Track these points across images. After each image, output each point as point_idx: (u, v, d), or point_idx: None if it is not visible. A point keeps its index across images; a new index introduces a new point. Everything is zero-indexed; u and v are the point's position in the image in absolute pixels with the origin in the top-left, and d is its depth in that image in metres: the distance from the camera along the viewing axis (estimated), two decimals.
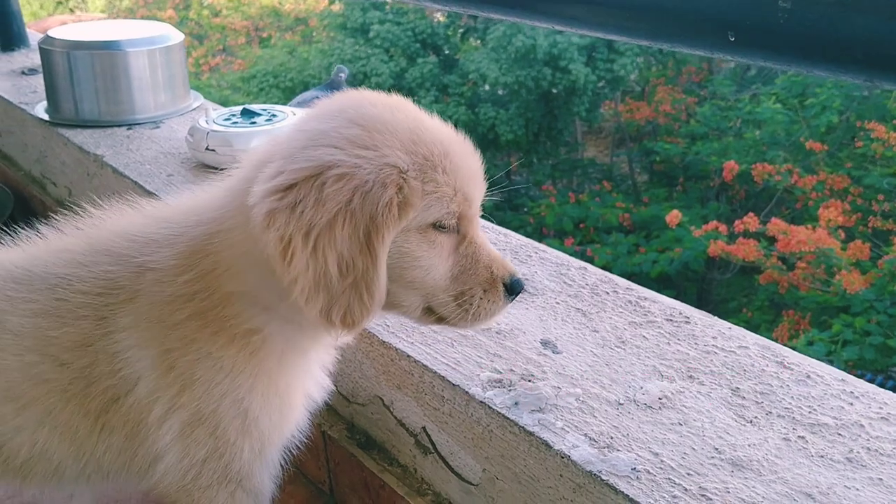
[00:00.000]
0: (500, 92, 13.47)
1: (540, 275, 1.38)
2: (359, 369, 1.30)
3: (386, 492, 1.27)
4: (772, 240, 9.28)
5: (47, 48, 2.07)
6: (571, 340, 1.20)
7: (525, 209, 13.46)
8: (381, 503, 1.30)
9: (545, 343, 1.20)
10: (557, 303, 1.30)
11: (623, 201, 12.85)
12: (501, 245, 1.47)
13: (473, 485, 1.16)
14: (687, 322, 1.24)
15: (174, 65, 2.17)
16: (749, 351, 1.17)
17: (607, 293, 1.32)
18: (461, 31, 14.44)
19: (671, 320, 1.25)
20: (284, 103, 2.13)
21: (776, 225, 9.26)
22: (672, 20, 0.91)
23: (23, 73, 2.54)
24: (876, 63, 0.77)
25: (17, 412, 1.01)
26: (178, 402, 1.01)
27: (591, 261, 11.34)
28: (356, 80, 13.79)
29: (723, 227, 9.95)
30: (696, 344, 1.19)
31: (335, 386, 1.37)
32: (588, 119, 14.29)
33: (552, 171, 14.44)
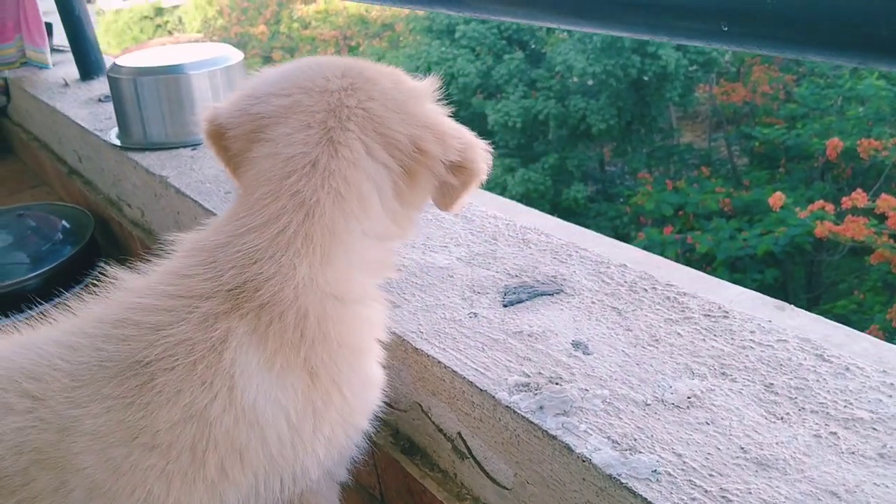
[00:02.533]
0: (589, 83, 13.32)
1: (578, 274, 1.36)
2: (398, 376, 1.32)
3: (427, 497, 1.28)
4: (882, 217, 8.89)
5: (115, 76, 2.17)
6: (603, 340, 1.19)
7: (621, 199, 13.28)
8: None
9: (576, 344, 1.19)
10: (593, 302, 1.28)
11: (723, 186, 12.53)
12: (543, 245, 1.47)
13: (507, 489, 1.16)
14: (725, 317, 1.21)
15: (235, 84, 2.24)
16: (788, 344, 1.13)
17: (645, 290, 1.30)
18: None
19: (709, 315, 1.22)
20: None
21: (886, 201, 8.87)
22: (669, 13, 0.90)
23: (99, 100, 2.67)
24: (867, 45, 0.74)
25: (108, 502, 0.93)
26: (326, 407, 1.00)
27: (692, 248, 11.14)
28: (444, 82, 13.79)
29: (829, 207, 9.58)
30: (732, 339, 1.16)
31: None
32: (682, 104, 13.98)
33: (647, 160, 14.18)
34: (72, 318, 1.02)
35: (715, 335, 1.17)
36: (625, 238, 12.76)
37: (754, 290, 1.74)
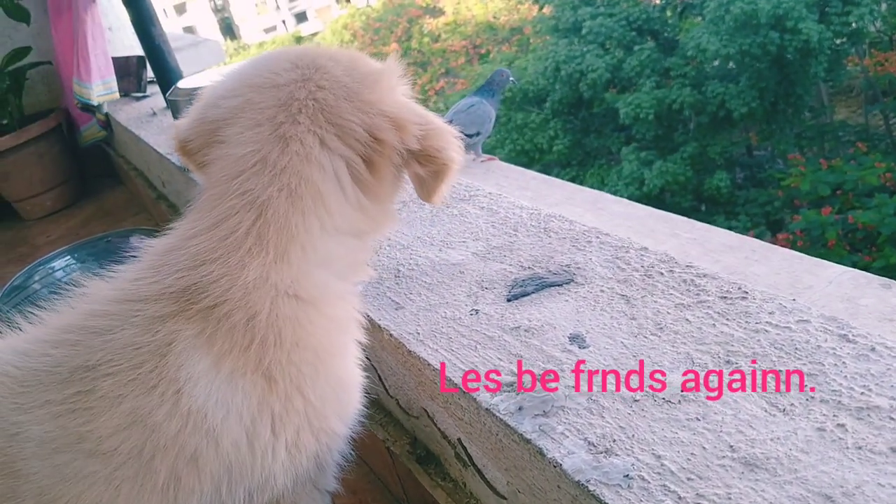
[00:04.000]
0: (730, 65, 12.74)
1: (594, 261, 1.25)
2: (404, 382, 1.25)
3: None
4: None
5: (173, 99, 2.22)
6: (603, 332, 1.08)
7: (771, 184, 12.63)
8: None
9: (573, 338, 1.08)
10: (602, 290, 1.17)
11: (882, 160, 11.73)
12: (564, 234, 1.36)
13: (505, 498, 1.07)
14: (743, 298, 1.07)
15: None
16: (809, 325, 0.99)
17: (661, 274, 1.17)
18: (679, 10, 13.85)
19: (725, 298, 1.08)
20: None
21: None
22: None
23: None
24: None
25: None
26: (287, 412, 0.95)
27: (854, 228, 10.43)
28: (573, 80, 13.73)
29: None
30: (746, 322, 1.02)
31: (396, 399, 1.34)
32: (830, 79, 13.15)
33: (797, 140, 13.45)
34: (36, 327, 1.01)
35: (727, 319, 1.04)
36: (778, 223, 12.13)
37: None
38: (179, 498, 0.92)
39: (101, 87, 3.23)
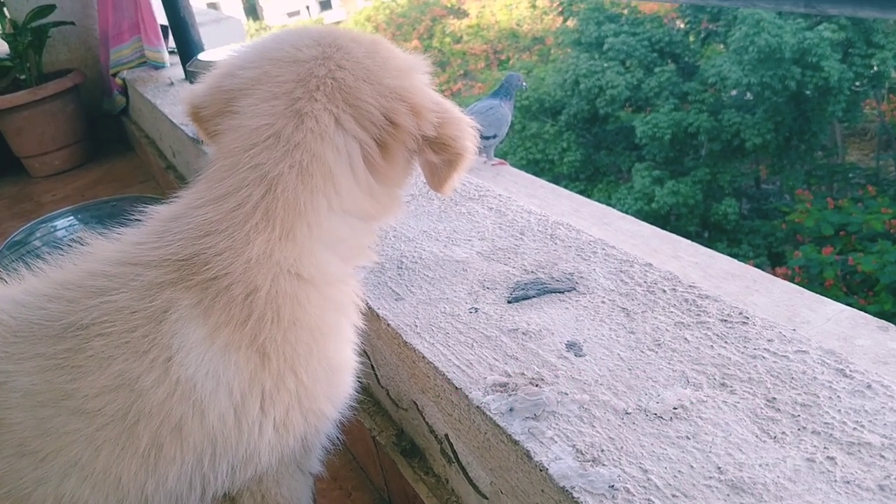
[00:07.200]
0: (747, 96, 12.77)
1: (598, 272, 1.25)
2: (396, 373, 1.25)
3: (419, 502, 1.21)
4: None
5: (192, 70, 2.22)
6: (601, 342, 1.08)
7: (775, 217, 12.64)
8: None
9: (570, 345, 1.08)
10: (603, 301, 1.17)
11: (890, 206, 11.72)
12: (569, 242, 1.36)
13: (486, 498, 1.07)
14: (744, 323, 1.07)
15: None
16: (807, 356, 0.99)
17: (663, 291, 1.17)
18: (702, 36, 13.86)
19: (726, 321, 1.08)
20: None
21: None
22: None
23: None
24: None
25: (35, 465, 0.89)
26: (278, 391, 0.95)
27: (853, 270, 10.44)
28: (591, 95, 13.74)
29: None
30: (744, 347, 1.02)
31: (387, 389, 1.33)
32: (846, 120, 13.15)
33: (807, 177, 13.45)
34: (37, 278, 1.00)
35: (726, 342, 1.04)
36: (780, 257, 12.13)
37: None
38: (160, 465, 0.92)
39: (165, 51, 3.25)
